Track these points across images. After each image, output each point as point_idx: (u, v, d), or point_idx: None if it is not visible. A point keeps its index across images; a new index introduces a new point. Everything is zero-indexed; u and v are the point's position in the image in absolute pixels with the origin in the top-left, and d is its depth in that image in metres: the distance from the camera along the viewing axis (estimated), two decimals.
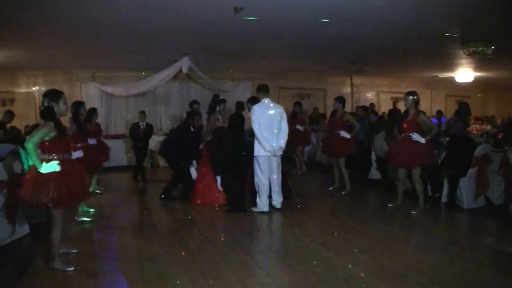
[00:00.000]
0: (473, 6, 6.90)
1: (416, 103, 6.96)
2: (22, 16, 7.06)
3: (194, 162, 8.08)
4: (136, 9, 6.89)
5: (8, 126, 10.00)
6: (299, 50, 11.07)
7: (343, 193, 8.54)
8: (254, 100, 7.65)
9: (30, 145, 4.20)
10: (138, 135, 10.28)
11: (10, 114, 9.97)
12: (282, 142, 7.10)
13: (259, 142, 6.94)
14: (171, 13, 7.18)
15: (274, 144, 6.99)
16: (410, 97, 6.96)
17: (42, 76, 13.72)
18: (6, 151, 5.93)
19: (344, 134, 8.45)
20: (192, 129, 8.28)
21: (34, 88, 13.80)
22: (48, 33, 8.39)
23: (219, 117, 8.24)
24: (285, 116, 7.27)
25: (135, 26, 8.03)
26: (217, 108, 8.27)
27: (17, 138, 8.86)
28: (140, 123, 10.41)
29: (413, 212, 6.94)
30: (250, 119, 7.12)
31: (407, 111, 7.10)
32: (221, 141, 7.62)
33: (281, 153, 7.19)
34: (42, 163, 4.30)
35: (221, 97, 8.52)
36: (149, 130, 10.54)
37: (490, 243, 5.77)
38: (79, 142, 7.03)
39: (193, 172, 8.01)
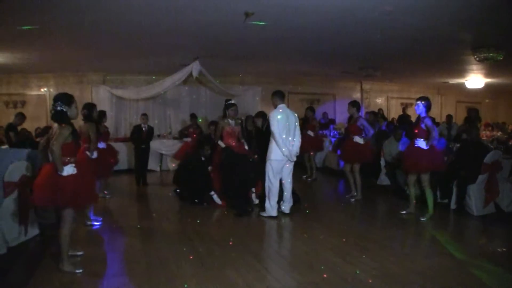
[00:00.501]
0: (484, 11, 6.86)
1: (426, 108, 6.89)
2: (33, 18, 7.11)
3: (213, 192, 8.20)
4: (146, 12, 6.93)
5: (19, 128, 10.08)
6: (309, 55, 11.08)
7: (352, 200, 8.49)
8: (263, 115, 7.72)
9: (56, 148, 4.30)
10: (141, 137, 10.30)
11: (21, 117, 10.05)
12: (296, 148, 7.14)
13: (278, 146, 6.94)
14: (182, 17, 7.22)
15: (290, 149, 7.03)
16: (420, 103, 6.89)
17: (53, 78, 13.85)
18: (22, 155, 5.99)
19: (358, 139, 8.36)
20: (203, 159, 8.42)
21: (43, 90, 13.93)
22: (59, 36, 8.45)
23: (230, 121, 8.20)
24: (298, 122, 7.30)
25: (145, 30, 8.06)
26: (227, 113, 8.23)
27: (28, 140, 8.93)
28: (142, 125, 10.37)
29: (421, 219, 6.90)
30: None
31: (419, 117, 7.01)
32: (232, 164, 7.74)
33: (295, 158, 7.22)
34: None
35: (231, 101, 8.43)
36: (150, 133, 10.55)
37: (499, 250, 5.71)
38: (96, 143, 7.12)
39: (216, 199, 8.08)
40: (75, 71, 13.44)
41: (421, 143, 6.73)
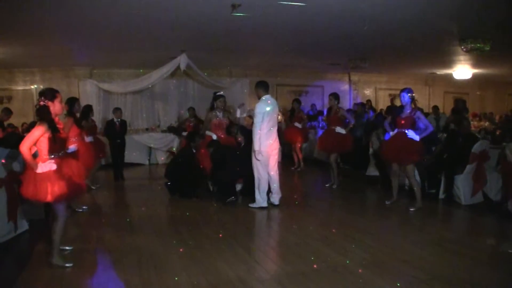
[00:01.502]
0: (471, 2, 6.89)
1: (413, 99, 6.92)
2: (19, 13, 7.03)
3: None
4: (133, 6, 6.86)
5: (5, 123, 9.97)
6: (297, 47, 11.05)
7: (334, 187, 8.77)
8: (248, 134, 7.76)
9: (24, 148, 4.28)
10: (114, 132, 10.21)
11: (7, 112, 9.94)
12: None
13: (254, 139, 6.91)
14: (169, 10, 7.16)
15: (270, 142, 7.01)
16: (407, 94, 6.93)
17: (40, 73, 13.70)
18: (3, 155, 5.92)
19: (340, 129, 8.56)
20: (194, 151, 8.42)
21: (32, 86, 13.77)
22: (45, 30, 8.36)
23: (218, 113, 8.21)
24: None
25: (132, 23, 8.00)
26: (215, 105, 8.22)
27: (15, 136, 8.83)
28: (115, 120, 10.29)
29: (411, 209, 6.92)
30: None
31: (401, 107, 7.08)
32: (223, 159, 7.73)
33: (276, 158, 7.29)
34: (37, 163, 4.37)
35: (219, 93, 8.42)
36: (124, 127, 10.42)
37: (487, 239, 5.75)
38: (74, 137, 7.08)
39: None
40: (62, 66, 13.31)
41: (413, 135, 6.75)
